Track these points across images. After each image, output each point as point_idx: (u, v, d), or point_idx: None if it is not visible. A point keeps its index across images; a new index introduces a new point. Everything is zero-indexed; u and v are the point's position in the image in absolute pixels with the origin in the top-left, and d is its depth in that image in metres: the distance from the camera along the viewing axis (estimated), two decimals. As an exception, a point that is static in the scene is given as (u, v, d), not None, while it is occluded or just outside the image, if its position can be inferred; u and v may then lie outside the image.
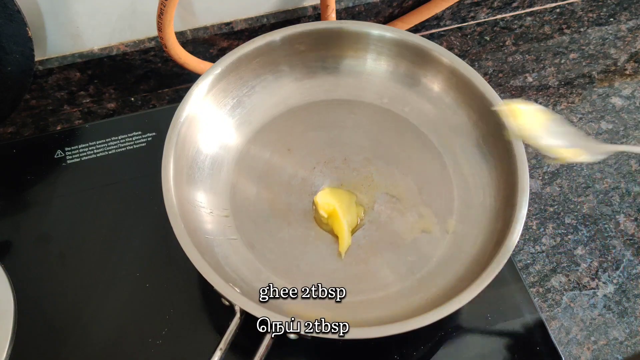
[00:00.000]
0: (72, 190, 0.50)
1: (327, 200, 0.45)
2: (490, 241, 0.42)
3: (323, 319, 0.41)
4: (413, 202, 0.47)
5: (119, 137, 0.53)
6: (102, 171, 0.51)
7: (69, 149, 0.52)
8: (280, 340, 0.36)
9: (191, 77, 0.52)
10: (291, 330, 0.36)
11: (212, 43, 0.59)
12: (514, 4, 0.67)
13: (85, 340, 0.42)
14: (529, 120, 0.42)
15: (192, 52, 0.55)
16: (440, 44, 0.62)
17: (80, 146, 0.52)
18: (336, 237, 0.45)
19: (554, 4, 0.69)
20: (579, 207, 0.53)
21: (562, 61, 0.64)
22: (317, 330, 0.36)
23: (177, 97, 0.61)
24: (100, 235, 0.47)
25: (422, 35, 0.63)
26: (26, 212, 0.49)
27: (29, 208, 0.49)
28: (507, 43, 0.66)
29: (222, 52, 0.60)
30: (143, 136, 0.53)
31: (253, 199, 0.47)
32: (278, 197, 0.47)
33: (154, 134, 0.53)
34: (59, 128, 0.58)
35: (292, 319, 0.36)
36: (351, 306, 0.42)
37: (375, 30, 0.50)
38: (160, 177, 0.41)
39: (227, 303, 0.37)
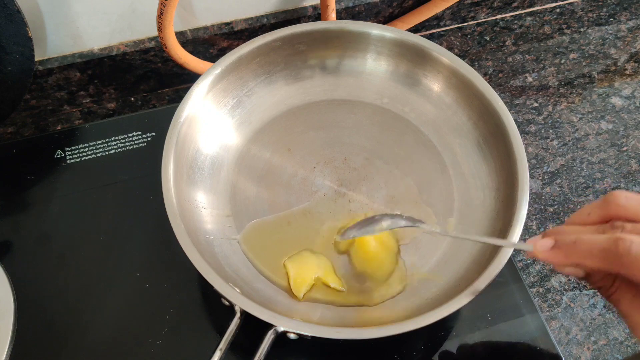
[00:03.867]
0: (72, 190, 0.50)
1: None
2: (490, 241, 0.42)
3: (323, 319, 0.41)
4: (413, 202, 0.47)
5: (119, 137, 0.53)
6: (102, 171, 0.51)
7: (69, 149, 0.52)
8: (280, 340, 0.36)
9: (191, 77, 0.52)
10: (291, 330, 0.36)
11: (212, 43, 0.59)
12: (514, 4, 0.67)
13: (85, 340, 0.42)
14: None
15: (192, 52, 0.55)
16: (440, 44, 0.62)
17: (80, 146, 0.52)
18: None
19: (554, 4, 0.69)
20: (579, 207, 0.53)
21: (562, 61, 0.64)
22: (317, 330, 0.36)
23: (177, 97, 0.61)
24: (100, 235, 0.47)
25: (422, 35, 0.63)
26: (26, 212, 0.49)
27: (29, 208, 0.49)
28: (507, 43, 0.66)
29: (222, 52, 0.60)
30: (143, 136, 0.53)
31: (253, 199, 0.47)
32: (278, 197, 0.47)
33: (154, 134, 0.53)
34: (59, 128, 0.58)
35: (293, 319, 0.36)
36: (351, 306, 0.42)
37: (375, 30, 0.50)
38: (160, 177, 0.41)
39: (227, 303, 0.37)
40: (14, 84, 0.50)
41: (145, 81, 0.60)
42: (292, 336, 0.36)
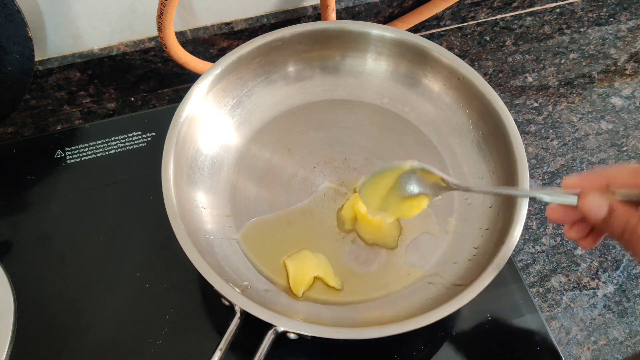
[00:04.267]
0: (72, 190, 0.50)
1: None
2: (490, 241, 0.42)
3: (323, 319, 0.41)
4: (413, 202, 0.47)
5: (119, 137, 0.53)
6: (102, 171, 0.51)
7: (69, 149, 0.52)
8: (280, 340, 0.36)
9: (191, 77, 0.52)
10: (291, 330, 0.36)
11: (212, 43, 0.59)
12: (514, 4, 0.67)
13: (85, 340, 0.42)
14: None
15: (192, 52, 0.55)
16: (440, 44, 0.62)
17: (80, 146, 0.52)
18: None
19: (554, 4, 0.69)
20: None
21: (562, 61, 0.64)
22: (317, 330, 0.36)
23: (177, 97, 0.61)
24: (100, 235, 0.47)
25: (422, 35, 0.63)
26: (26, 212, 0.49)
27: (29, 208, 0.49)
28: (507, 43, 0.66)
29: (222, 52, 0.60)
30: (143, 136, 0.53)
31: (253, 198, 0.47)
32: (278, 197, 0.47)
33: (154, 134, 0.53)
34: (59, 128, 0.58)
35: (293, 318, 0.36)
36: (351, 306, 0.42)
37: (375, 30, 0.50)
38: (160, 177, 0.41)
39: (227, 303, 0.37)
40: (14, 84, 0.50)
41: (145, 81, 0.60)
42: (292, 336, 0.36)
